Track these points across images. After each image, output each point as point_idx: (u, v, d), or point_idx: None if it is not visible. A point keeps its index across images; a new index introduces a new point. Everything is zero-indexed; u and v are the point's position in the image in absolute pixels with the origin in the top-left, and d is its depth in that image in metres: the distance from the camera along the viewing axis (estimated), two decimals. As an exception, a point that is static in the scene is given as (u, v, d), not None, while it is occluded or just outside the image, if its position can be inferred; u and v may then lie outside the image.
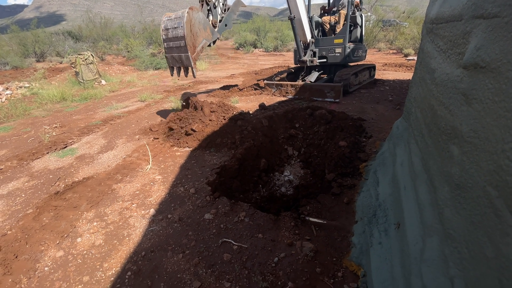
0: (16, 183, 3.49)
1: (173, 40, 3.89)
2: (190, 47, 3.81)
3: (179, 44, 3.82)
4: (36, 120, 6.10)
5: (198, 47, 3.98)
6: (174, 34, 3.80)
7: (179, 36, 3.75)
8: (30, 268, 2.19)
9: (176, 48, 3.93)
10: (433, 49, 1.88)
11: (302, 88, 6.12)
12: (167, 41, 4.04)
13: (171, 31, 3.84)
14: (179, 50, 3.90)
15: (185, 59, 3.94)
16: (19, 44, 16.24)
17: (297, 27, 5.96)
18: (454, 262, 1.12)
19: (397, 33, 16.93)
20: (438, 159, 1.45)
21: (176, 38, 3.81)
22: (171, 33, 3.86)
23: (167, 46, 4.09)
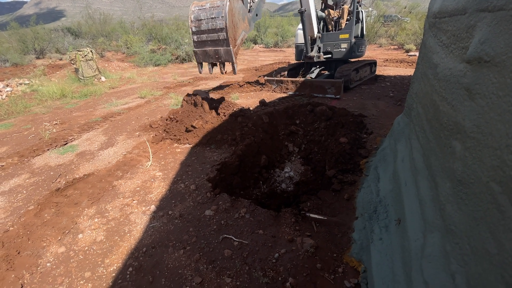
0: (17, 180, 3.50)
1: (208, 32, 3.49)
2: (232, 40, 3.46)
3: (217, 37, 3.45)
4: (36, 117, 6.09)
5: (238, 39, 3.64)
6: (211, 25, 3.40)
7: (218, 28, 3.36)
8: (33, 264, 2.20)
9: (211, 42, 3.55)
10: (436, 43, 1.86)
11: (303, 85, 6.07)
12: (198, 34, 3.63)
13: (206, 22, 3.44)
14: (216, 43, 3.53)
15: (224, 53, 3.56)
16: (18, 41, 16.15)
17: (307, 21, 5.82)
18: (456, 258, 1.12)
19: (399, 28, 16.80)
20: (440, 155, 1.44)
21: (213, 30, 3.43)
22: (205, 25, 3.46)
23: (198, 39, 3.67)
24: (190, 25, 3.60)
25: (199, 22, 3.54)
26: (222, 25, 3.31)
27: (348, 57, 6.49)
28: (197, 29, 3.60)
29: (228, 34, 3.36)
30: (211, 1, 3.47)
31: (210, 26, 3.43)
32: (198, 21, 3.54)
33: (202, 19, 3.47)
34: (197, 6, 3.60)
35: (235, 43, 3.58)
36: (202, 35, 3.61)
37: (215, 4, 3.40)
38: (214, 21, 3.37)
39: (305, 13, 5.62)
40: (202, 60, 3.90)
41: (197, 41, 3.70)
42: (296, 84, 6.19)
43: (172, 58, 13.71)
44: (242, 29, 3.71)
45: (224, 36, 3.39)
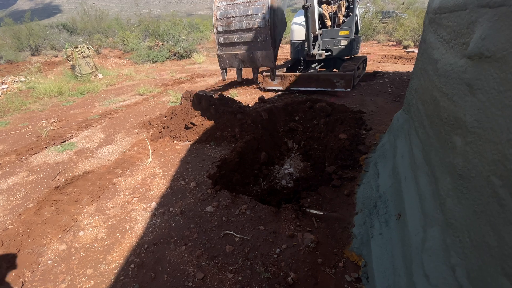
0: (15, 178, 3.48)
1: (241, 32, 2.96)
2: (273, 41, 2.97)
3: (254, 38, 2.93)
4: (33, 115, 6.05)
5: (277, 40, 3.14)
6: (246, 24, 2.89)
7: (256, 28, 2.85)
8: (33, 262, 2.20)
9: (244, 44, 3.00)
10: (436, 39, 1.86)
11: (308, 79, 5.76)
12: (226, 34, 3.08)
13: (238, 20, 2.90)
14: (252, 45, 2.99)
15: (263, 57, 3.03)
16: (13, 38, 15.96)
17: (311, 17, 5.41)
18: (456, 251, 1.14)
19: (397, 24, 16.78)
20: (440, 150, 1.46)
21: (249, 30, 2.91)
22: (237, 24, 2.93)
23: (225, 41, 3.11)
24: (215, 23, 3.08)
25: (228, 20, 3.03)
26: (263, 24, 2.83)
27: (347, 54, 6.38)
28: (224, 29, 3.10)
29: (270, 34, 2.88)
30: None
31: (245, 25, 2.93)
32: (227, 19, 3.04)
33: (233, 17, 2.98)
34: (224, 1, 3.07)
35: (276, 43, 3.09)
36: (231, 36, 3.10)
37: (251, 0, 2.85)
38: (250, 19, 2.89)
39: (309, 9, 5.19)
40: (229, 66, 3.35)
41: (223, 42, 3.18)
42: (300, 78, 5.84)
43: (170, 55, 13.62)
44: (280, 29, 3.20)
45: (264, 37, 2.92)
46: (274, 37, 2.96)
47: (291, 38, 6.82)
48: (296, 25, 6.63)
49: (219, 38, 3.18)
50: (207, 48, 16.64)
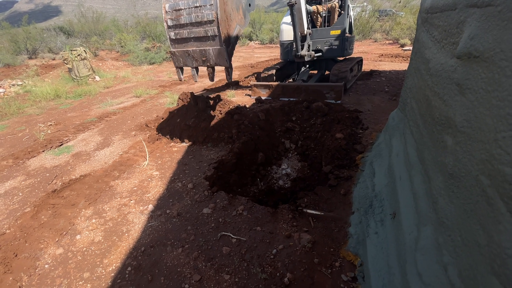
0: (12, 182, 3.48)
1: (191, 26, 2.63)
2: (226, 38, 2.62)
3: (204, 33, 2.59)
4: (30, 118, 6.03)
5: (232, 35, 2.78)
6: (195, 17, 2.54)
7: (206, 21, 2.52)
8: (31, 266, 2.20)
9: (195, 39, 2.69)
10: (428, 39, 1.87)
11: (296, 90, 5.42)
12: (176, 29, 2.73)
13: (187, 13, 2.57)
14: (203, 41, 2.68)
15: (215, 55, 2.66)
16: (10, 41, 15.90)
17: (297, 15, 5.20)
18: (448, 250, 1.15)
19: (393, 23, 16.82)
20: (432, 149, 1.47)
21: (198, 24, 2.57)
22: (186, 17, 2.59)
23: (177, 36, 2.77)
24: (165, 17, 2.72)
25: (177, 13, 2.68)
26: (212, 16, 2.48)
27: (339, 55, 6.09)
28: (174, 23, 2.74)
29: (220, 29, 2.52)
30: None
31: (194, 18, 2.57)
32: (175, 12, 2.68)
33: (182, 9, 2.61)
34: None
35: (229, 40, 2.76)
36: (182, 30, 2.74)
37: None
38: (199, 11, 2.52)
39: (295, 6, 4.98)
40: (183, 64, 2.98)
41: (174, 38, 2.82)
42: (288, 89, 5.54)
43: (167, 56, 13.60)
44: (236, 22, 2.86)
45: (215, 31, 2.55)
46: (228, 32, 2.63)
47: (280, 38, 6.54)
48: (285, 25, 6.34)
49: (170, 34, 2.83)
50: (204, 49, 16.61)
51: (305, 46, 5.77)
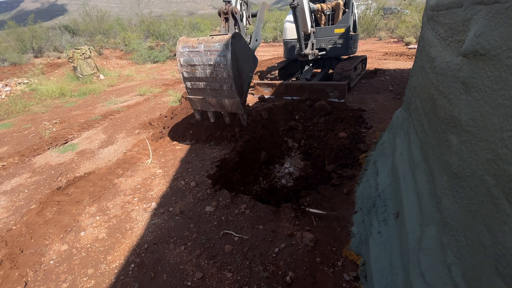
0: (18, 179, 3.52)
1: (207, 81, 2.75)
2: (239, 90, 2.73)
3: (220, 87, 2.71)
4: (36, 116, 6.10)
5: (245, 85, 2.90)
6: (211, 73, 2.67)
7: (220, 78, 2.64)
8: (36, 262, 2.23)
9: (212, 91, 2.79)
10: (434, 37, 1.85)
11: (300, 88, 5.38)
12: (192, 81, 2.83)
13: (202, 68, 2.68)
14: (219, 93, 2.77)
15: (231, 105, 2.78)
16: (16, 40, 16.07)
17: (300, 16, 5.20)
18: (452, 250, 1.14)
19: (398, 21, 16.64)
20: (437, 148, 1.45)
21: (214, 79, 2.68)
22: (201, 72, 2.70)
23: (193, 86, 2.86)
24: (180, 69, 2.82)
25: (192, 67, 2.78)
26: (226, 74, 2.60)
27: (343, 54, 6.04)
28: (190, 75, 2.84)
29: (235, 85, 2.65)
30: (205, 40, 2.69)
31: (209, 73, 2.70)
32: (191, 66, 2.78)
33: (197, 65, 2.72)
34: (186, 47, 2.79)
35: (243, 90, 2.86)
36: (197, 82, 2.85)
37: (213, 48, 2.60)
38: (213, 69, 2.64)
39: (297, 7, 4.97)
40: (201, 108, 3.09)
41: (191, 87, 2.92)
42: (292, 88, 5.51)
43: (171, 55, 13.63)
44: (248, 71, 2.97)
45: (229, 87, 2.67)
46: (241, 84, 2.78)
47: (284, 37, 6.49)
48: (289, 23, 6.27)
49: (186, 83, 2.96)
50: (208, 48, 16.62)
51: (309, 44, 5.72)
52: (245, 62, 2.86)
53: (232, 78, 2.61)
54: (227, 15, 2.95)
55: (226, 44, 2.51)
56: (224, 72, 2.62)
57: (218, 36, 2.64)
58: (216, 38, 2.63)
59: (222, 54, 2.56)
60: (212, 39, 2.66)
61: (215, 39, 2.65)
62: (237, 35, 2.65)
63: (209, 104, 2.97)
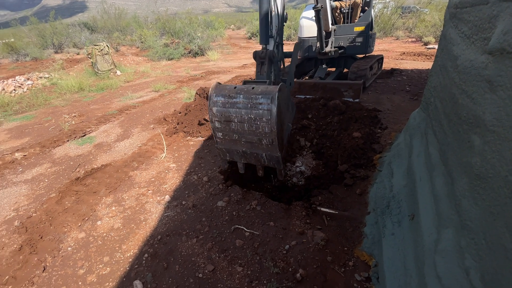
0: (39, 169, 3.68)
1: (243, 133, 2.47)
2: (280, 145, 2.46)
3: (258, 141, 2.44)
4: (56, 110, 6.34)
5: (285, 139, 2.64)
6: (249, 127, 2.39)
7: (261, 132, 2.37)
8: (54, 248, 2.33)
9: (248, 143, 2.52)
10: (457, 35, 1.79)
11: (313, 87, 5.29)
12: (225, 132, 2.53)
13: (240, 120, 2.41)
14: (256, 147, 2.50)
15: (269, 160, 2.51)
16: (38, 36, 16.71)
17: (323, 17, 5.07)
18: (470, 253, 1.11)
19: (417, 20, 16.17)
20: (457, 149, 1.41)
21: (252, 133, 2.42)
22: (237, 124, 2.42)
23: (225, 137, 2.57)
24: (211, 118, 2.51)
25: (227, 118, 2.46)
26: (268, 129, 2.33)
27: (361, 52, 5.93)
28: (223, 126, 2.52)
29: (277, 140, 2.37)
30: (245, 90, 2.38)
31: (247, 127, 2.43)
32: (225, 117, 2.46)
33: (233, 116, 2.41)
34: (221, 96, 2.44)
35: (283, 144, 2.60)
36: (231, 134, 2.53)
37: (255, 100, 2.31)
38: (253, 123, 2.37)
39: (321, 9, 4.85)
40: (230, 158, 2.75)
41: (222, 138, 2.59)
42: (305, 86, 5.41)
43: (185, 52, 13.81)
44: (287, 121, 2.71)
45: (270, 142, 2.39)
46: (281, 137, 2.50)
47: (299, 35, 6.38)
48: (305, 19, 6.15)
49: (216, 133, 2.62)
50: (221, 46, 16.73)
51: (330, 42, 5.62)
52: (286, 112, 2.62)
53: (275, 133, 2.33)
54: (264, 59, 2.75)
55: (272, 97, 2.23)
56: (266, 127, 2.34)
57: (260, 87, 2.36)
58: (259, 89, 2.34)
59: (266, 108, 2.28)
60: (253, 90, 2.36)
61: (257, 90, 2.35)
62: (283, 87, 2.40)
63: (243, 156, 2.66)
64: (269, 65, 2.71)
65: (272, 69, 2.76)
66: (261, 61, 2.76)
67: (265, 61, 2.73)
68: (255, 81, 2.60)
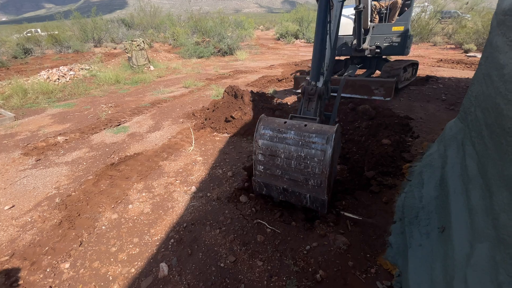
0: (78, 153, 3.98)
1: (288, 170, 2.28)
2: (328, 188, 2.25)
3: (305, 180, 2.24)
4: (94, 99, 6.80)
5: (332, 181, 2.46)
6: (296, 164, 2.22)
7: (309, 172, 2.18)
8: (90, 226, 2.52)
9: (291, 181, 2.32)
10: (504, 43, 1.71)
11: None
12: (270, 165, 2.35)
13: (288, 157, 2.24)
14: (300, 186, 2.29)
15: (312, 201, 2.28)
16: (80, 30, 17.95)
17: (364, 16, 5.02)
18: (505, 268, 1.06)
19: (458, 26, 15.25)
20: (498, 162, 1.35)
21: (299, 171, 2.23)
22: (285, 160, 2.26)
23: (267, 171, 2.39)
24: (256, 150, 2.36)
25: (273, 152, 2.29)
26: (319, 170, 2.15)
27: (398, 53, 5.72)
28: (267, 159, 2.35)
29: (327, 182, 2.17)
30: (296, 127, 2.23)
31: (294, 165, 2.24)
32: (271, 151, 2.30)
33: (280, 151, 2.25)
34: (269, 129, 2.31)
35: (330, 187, 2.41)
36: (274, 169, 2.35)
37: (308, 138, 2.17)
38: (303, 161, 2.20)
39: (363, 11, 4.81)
40: (266, 193, 2.52)
41: (263, 171, 2.41)
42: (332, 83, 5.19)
43: (215, 51, 14.15)
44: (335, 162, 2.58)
45: (318, 183, 2.20)
46: (330, 180, 2.29)
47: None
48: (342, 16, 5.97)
49: (257, 166, 2.44)
50: (250, 46, 16.92)
51: (367, 39, 5.50)
52: (336, 155, 2.45)
53: (325, 175, 2.15)
54: (313, 96, 2.64)
55: (328, 137, 2.09)
56: (317, 168, 2.16)
57: (314, 125, 2.23)
58: (312, 128, 2.20)
59: (320, 148, 2.13)
60: (306, 127, 2.21)
61: (310, 128, 2.20)
62: (339, 129, 2.28)
63: (281, 193, 2.45)
64: (317, 102, 2.63)
65: (319, 106, 2.68)
66: (310, 97, 2.66)
67: (314, 98, 2.62)
68: (303, 117, 2.50)
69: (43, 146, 4.19)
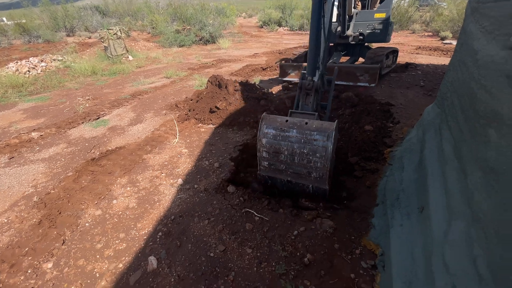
0: (55, 149, 3.80)
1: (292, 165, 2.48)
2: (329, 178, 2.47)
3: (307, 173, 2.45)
4: (70, 92, 6.46)
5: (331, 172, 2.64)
6: (299, 160, 2.40)
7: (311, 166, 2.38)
8: (73, 223, 2.44)
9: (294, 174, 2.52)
10: (477, 30, 1.77)
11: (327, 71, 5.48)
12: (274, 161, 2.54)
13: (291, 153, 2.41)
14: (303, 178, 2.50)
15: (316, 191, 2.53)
16: (50, 18, 16.78)
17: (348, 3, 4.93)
18: (479, 243, 1.14)
19: (435, 14, 15.64)
20: (472, 144, 1.43)
21: (302, 166, 2.43)
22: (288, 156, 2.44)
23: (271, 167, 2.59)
24: (260, 148, 2.53)
25: (276, 149, 2.47)
26: (320, 164, 2.35)
27: (380, 40, 5.83)
28: (271, 156, 2.54)
29: (328, 174, 2.38)
30: (298, 125, 2.38)
31: (297, 160, 2.45)
32: (274, 148, 2.47)
33: (283, 148, 2.42)
34: (272, 128, 2.45)
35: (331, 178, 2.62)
36: (278, 164, 2.55)
37: (309, 136, 2.32)
38: (305, 157, 2.39)
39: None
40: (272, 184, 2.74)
41: (267, 167, 2.61)
42: None
43: (196, 39, 13.73)
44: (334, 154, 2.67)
45: (320, 175, 2.41)
46: (330, 171, 2.51)
47: None
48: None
49: (262, 162, 2.62)
50: (232, 34, 16.56)
51: (351, 26, 5.53)
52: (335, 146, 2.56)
53: (327, 169, 2.34)
54: (310, 91, 2.76)
55: (328, 134, 2.25)
56: (319, 162, 2.35)
57: (314, 122, 2.36)
58: (313, 125, 2.34)
59: (321, 144, 2.29)
60: (307, 125, 2.35)
61: (311, 125, 2.34)
62: (337, 124, 2.40)
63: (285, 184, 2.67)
64: (314, 96, 2.74)
65: (316, 100, 2.80)
66: (307, 92, 2.77)
67: (311, 92, 2.73)
68: (301, 112, 2.63)
69: (16, 143, 3.97)
